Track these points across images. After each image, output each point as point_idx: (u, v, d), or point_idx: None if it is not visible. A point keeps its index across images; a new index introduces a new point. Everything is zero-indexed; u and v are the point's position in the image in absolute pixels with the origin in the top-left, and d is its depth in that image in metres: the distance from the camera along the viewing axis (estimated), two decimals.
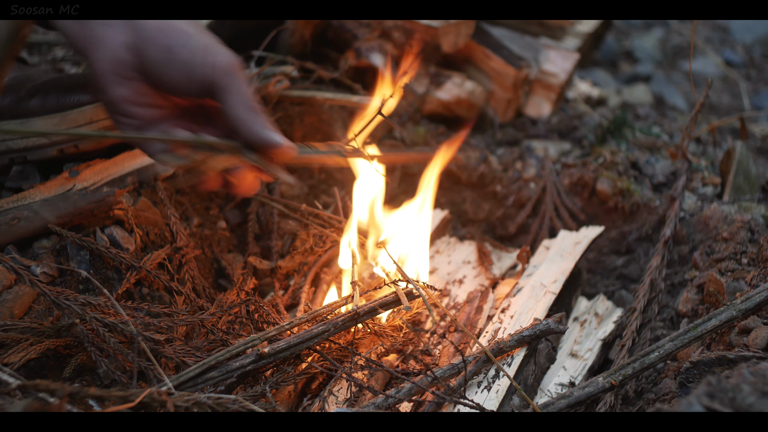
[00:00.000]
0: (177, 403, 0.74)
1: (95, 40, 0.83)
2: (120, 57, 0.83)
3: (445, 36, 1.55)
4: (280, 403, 0.91)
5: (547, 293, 1.11)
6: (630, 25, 2.94)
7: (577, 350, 1.13)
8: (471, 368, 0.92)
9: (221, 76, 0.85)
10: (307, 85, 1.41)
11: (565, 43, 1.84)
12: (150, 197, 1.17)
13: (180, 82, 0.85)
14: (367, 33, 1.53)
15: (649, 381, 1.04)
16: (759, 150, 1.85)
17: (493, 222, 1.52)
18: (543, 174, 1.50)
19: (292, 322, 0.95)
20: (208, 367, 0.85)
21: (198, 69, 0.84)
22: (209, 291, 1.15)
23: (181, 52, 0.84)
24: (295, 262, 1.21)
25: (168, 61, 0.84)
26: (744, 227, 1.19)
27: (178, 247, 1.14)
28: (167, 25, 0.85)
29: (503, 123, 1.69)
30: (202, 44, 0.85)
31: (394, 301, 0.97)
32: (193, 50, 0.84)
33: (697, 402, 0.70)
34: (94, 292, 1.00)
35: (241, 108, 0.85)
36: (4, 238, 0.97)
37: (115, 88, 0.85)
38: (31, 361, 0.87)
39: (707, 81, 1.32)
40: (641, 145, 1.60)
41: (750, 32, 2.92)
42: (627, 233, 1.42)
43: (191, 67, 0.84)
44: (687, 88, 2.44)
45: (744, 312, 0.95)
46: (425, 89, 1.58)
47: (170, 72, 0.84)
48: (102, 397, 0.72)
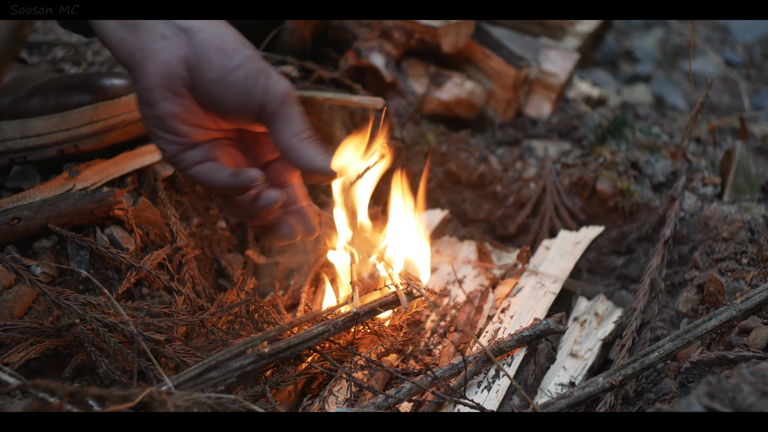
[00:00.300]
0: (177, 403, 0.74)
1: (149, 51, 0.80)
2: (174, 72, 0.81)
3: (445, 36, 1.55)
4: (280, 403, 0.91)
5: (547, 293, 1.11)
6: (630, 25, 2.94)
7: (577, 350, 1.13)
8: (471, 368, 0.92)
9: (276, 103, 0.82)
10: (307, 85, 1.41)
11: (565, 43, 1.84)
12: (150, 197, 1.17)
13: (233, 104, 0.83)
14: (367, 33, 1.53)
15: (649, 381, 1.04)
16: (759, 150, 1.85)
17: (493, 222, 1.52)
18: (543, 174, 1.50)
19: (292, 323, 0.95)
20: (208, 367, 0.85)
21: (254, 93, 0.82)
22: (209, 291, 1.15)
23: (238, 74, 0.81)
24: (294, 260, 1.21)
25: (223, 82, 0.81)
26: (744, 227, 1.19)
27: (178, 247, 1.14)
28: (224, 42, 0.82)
29: (503, 123, 1.69)
30: (257, 68, 0.82)
31: (394, 302, 0.97)
32: (249, 73, 0.82)
33: (697, 402, 0.70)
34: (94, 292, 1.00)
35: (296, 138, 0.84)
36: (4, 238, 0.97)
37: (165, 103, 0.82)
38: (31, 361, 0.87)
39: (707, 81, 1.32)
40: (641, 145, 1.60)
41: (750, 32, 2.92)
42: (627, 233, 1.42)
43: (246, 91, 0.81)
44: (687, 88, 2.44)
45: (744, 312, 0.95)
46: (425, 89, 1.58)
47: (225, 93, 0.82)
48: (102, 397, 0.72)
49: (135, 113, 1.14)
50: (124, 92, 1.12)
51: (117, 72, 1.22)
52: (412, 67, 1.60)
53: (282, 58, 1.42)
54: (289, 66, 1.38)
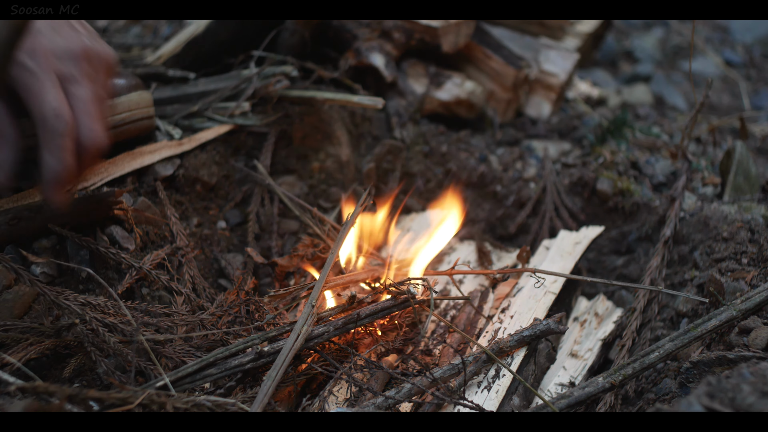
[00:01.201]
0: (176, 404, 0.74)
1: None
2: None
3: (445, 36, 1.55)
4: (280, 403, 0.91)
5: (547, 293, 1.11)
6: (630, 25, 2.94)
7: (577, 350, 1.13)
8: (471, 368, 0.92)
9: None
10: (307, 85, 1.41)
11: (565, 43, 1.84)
12: (150, 197, 1.17)
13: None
14: (367, 33, 1.53)
15: (649, 381, 1.04)
16: (759, 150, 1.85)
17: (493, 222, 1.52)
18: (543, 174, 1.50)
19: (292, 323, 0.95)
20: (206, 363, 0.85)
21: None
22: (209, 291, 1.15)
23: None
24: (293, 262, 1.21)
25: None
26: (744, 227, 1.19)
27: (177, 246, 1.14)
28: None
29: (503, 123, 1.69)
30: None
31: (396, 305, 0.97)
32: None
33: (697, 402, 0.70)
34: (94, 292, 1.00)
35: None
36: (4, 238, 0.97)
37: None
38: (31, 361, 0.87)
39: (707, 81, 1.32)
40: (641, 145, 1.60)
41: (750, 32, 2.92)
42: (627, 233, 1.42)
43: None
44: (687, 88, 2.44)
45: (744, 312, 0.95)
46: (425, 89, 1.58)
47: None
48: (102, 399, 0.72)
49: (135, 113, 1.14)
50: (124, 92, 1.12)
51: (117, 72, 1.22)
52: (412, 67, 1.60)
53: (282, 58, 1.42)
54: (289, 66, 1.38)
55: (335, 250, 1.02)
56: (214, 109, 1.32)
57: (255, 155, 1.37)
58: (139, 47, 1.78)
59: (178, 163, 1.23)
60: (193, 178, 1.26)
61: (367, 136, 1.53)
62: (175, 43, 1.46)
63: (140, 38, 1.91)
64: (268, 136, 1.38)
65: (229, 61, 1.43)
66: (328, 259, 1.00)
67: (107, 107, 0.93)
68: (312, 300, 0.92)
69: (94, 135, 0.87)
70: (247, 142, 1.37)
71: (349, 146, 1.48)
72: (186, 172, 1.25)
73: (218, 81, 1.35)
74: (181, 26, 1.84)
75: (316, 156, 1.44)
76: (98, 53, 0.92)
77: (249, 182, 1.36)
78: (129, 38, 1.91)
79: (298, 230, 1.36)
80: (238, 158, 1.36)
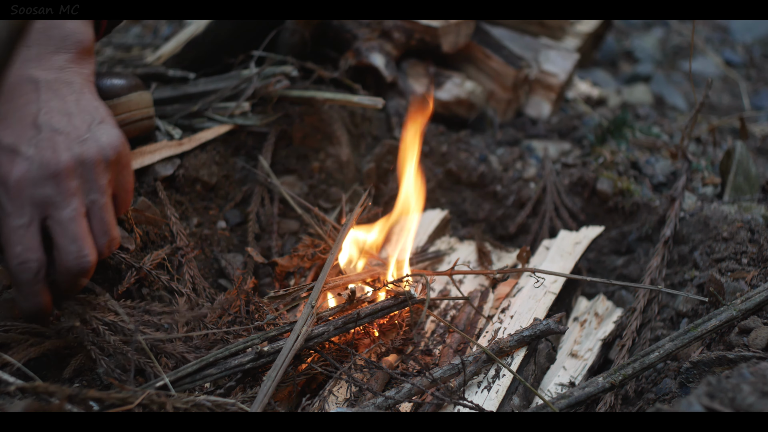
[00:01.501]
0: (176, 404, 0.74)
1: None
2: None
3: (445, 36, 1.55)
4: (280, 403, 0.91)
5: (547, 293, 1.11)
6: (630, 25, 2.94)
7: (577, 350, 1.13)
8: (471, 368, 0.92)
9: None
10: (307, 85, 1.41)
11: (565, 43, 1.84)
12: (150, 197, 1.17)
13: None
14: (367, 33, 1.53)
15: (649, 381, 1.04)
16: (759, 150, 1.85)
17: (493, 222, 1.52)
18: (543, 174, 1.50)
19: (292, 323, 0.95)
20: (206, 363, 0.85)
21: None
22: (209, 291, 1.15)
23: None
24: (293, 262, 1.21)
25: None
26: (744, 227, 1.19)
27: (177, 246, 1.14)
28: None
29: (503, 123, 1.69)
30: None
31: (396, 305, 0.97)
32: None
33: (697, 402, 0.70)
34: (94, 292, 1.00)
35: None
36: None
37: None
38: (31, 361, 0.87)
39: (707, 81, 1.32)
40: (641, 145, 1.60)
41: (750, 32, 2.92)
42: (627, 233, 1.42)
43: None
44: (687, 88, 2.44)
45: (744, 312, 0.95)
46: (425, 89, 1.58)
47: None
48: (102, 399, 0.72)
49: (135, 113, 1.14)
50: (124, 92, 1.12)
51: (117, 72, 1.22)
52: (412, 67, 1.60)
53: (282, 58, 1.42)
54: (289, 66, 1.38)
55: (335, 251, 1.02)
56: (214, 109, 1.32)
57: (255, 155, 1.38)
58: (139, 47, 1.78)
59: (178, 163, 1.23)
60: (193, 178, 1.27)
61: (367, 136, 1.53)
62: (175, 43, 1.46)
63: (140, 38, 1.91)
64: (268, 136, 1.38)
65: (229, 61, 1.43)
66: (328, 259, 1.00)
67: (112, 209, 0.87)
68: (312, 300, 0.92)
69: (76, 260, 0.81)
70: (247, 142, 1.38)
71: (349, 146, 1.48)
72: (186, 172, 1.25)
73: (218, 81, 1.35)
74: (181, 26, 1.84)
75: (316, 156, 1.44)
76: (93, 155, 0.82)
77: (249, 182, 1.36)
78: (129, 38, 1.91)
79: (298, 230, 1.36)
80: (238, 158, 1.36)
